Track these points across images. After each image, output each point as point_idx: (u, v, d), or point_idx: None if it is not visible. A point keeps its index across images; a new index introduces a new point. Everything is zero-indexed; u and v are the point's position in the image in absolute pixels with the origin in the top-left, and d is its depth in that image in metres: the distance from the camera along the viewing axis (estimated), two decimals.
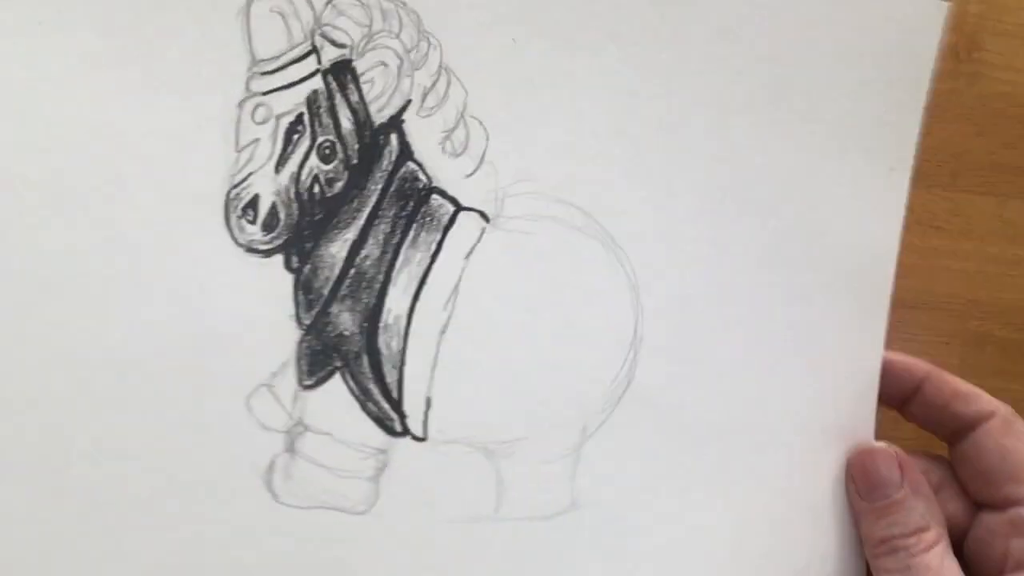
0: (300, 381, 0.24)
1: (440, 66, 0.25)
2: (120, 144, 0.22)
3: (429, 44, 0.25)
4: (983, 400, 0.29)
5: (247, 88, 0.24)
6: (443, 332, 0.25)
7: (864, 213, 0.29)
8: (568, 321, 0.27)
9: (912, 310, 0.34)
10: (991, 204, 0.35)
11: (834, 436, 0.28)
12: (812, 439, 0.28)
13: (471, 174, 0.26)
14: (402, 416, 0.25)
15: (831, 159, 0.28)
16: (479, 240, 0.26)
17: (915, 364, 0.29)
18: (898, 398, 0.29)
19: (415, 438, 0.25)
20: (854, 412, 0.29)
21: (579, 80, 0.27)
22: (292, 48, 0.24)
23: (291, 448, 0.24)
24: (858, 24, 0.29)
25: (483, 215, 0.26)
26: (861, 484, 0.28)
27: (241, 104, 0.24)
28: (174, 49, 0.23)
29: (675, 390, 0.28)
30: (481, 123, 0.26)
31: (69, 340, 0.22)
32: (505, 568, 0.26)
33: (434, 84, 0.25)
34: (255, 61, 0.24)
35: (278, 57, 0.24)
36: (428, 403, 0.25)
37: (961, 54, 0.35)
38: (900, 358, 0.29)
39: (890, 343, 0.30)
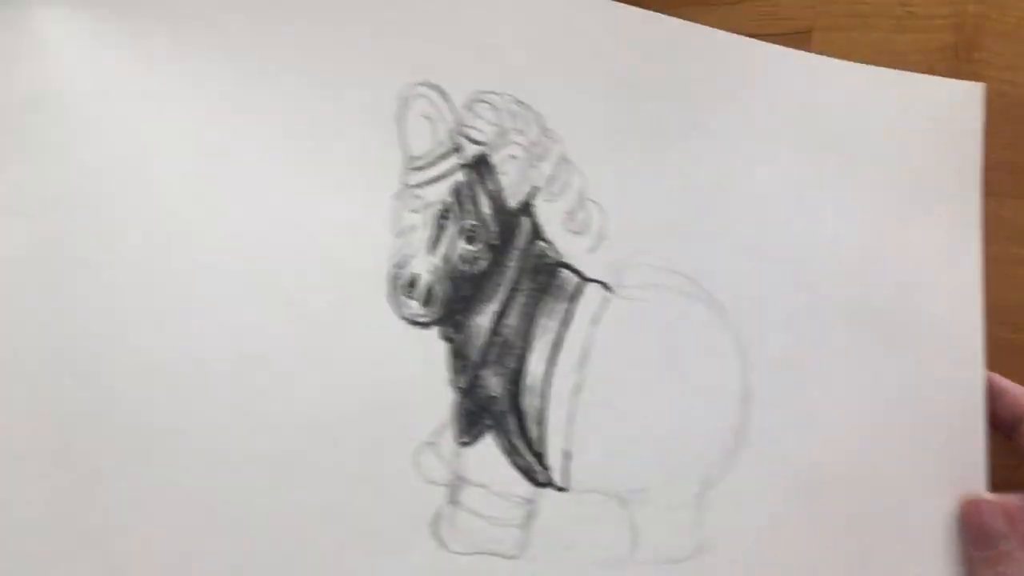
0: (458, 439, 0.27)
1: (560, 157, 0.29)
2: (302, 233, 0.26)
3: (551, 139, 0.29)
4: None
5: (403, 182, 0.27)
6: (577, 392, 0.28)
7: (943, 267, 0.33)
8: (684, 378, 0.30)
9: None
10: (991, 204, 0.35)
11: (945, 483, 0.31)
12: (923, 486, 0.31)
13: (593, 250, 0.29)
14: (545, 468, 0.28)
15: (905, 222, 0.32)
16: (603, 308, 0.29)
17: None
18: (1008, 424, 0.31)
19: (557, 488, 0.28)
20: (962, 459, 0.32)
21: (677, 165, 0.30)
22: (438, 146, 0.28)
23: (453, 500, 0.26)
24: (909, 107, 0.33)
25: (605, 285, 0.29)
26: (969, 534, 0.30)
27: (398, 196, 0.27)
28: (342, 151, 0.27)
29: (787, 441, 0.30)
30: (598, 204, 0.29)
31: (265, 407, 0.25)
32: None
33: (556, 173, 0.29)
34: (408, 159, 0.27)
35: (427, 154, 0.28)
36: (567, 456, 0.28)
37: (961, 54, 0.37)
38: (1011, 386, 0.31)
39: None
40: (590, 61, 0.30)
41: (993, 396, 0.32)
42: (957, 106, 0.34)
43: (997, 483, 0.32)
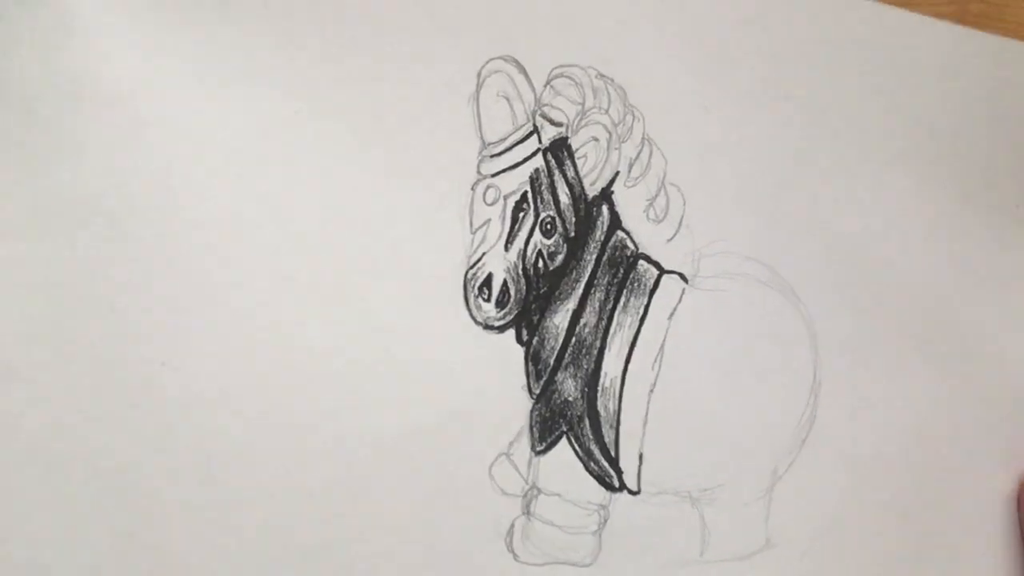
0: (533, 448, 0.25)
1: (643, 137, 0.27)
2: (374, 235, 0.23)
3: (634, 117, 0.26)
4: None
5: (478, 171, 0.24)
6: (651, 391, 0.27)
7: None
8: (757, 370, 0.28)
9: None
10: None
11: (1003, 468, 0.31)
12: (985, 466, 0.31)
13: (671, 238, 0.27)
14: (619, 472, 0.27)
15: (986, 212, 0.31)
16: (680, 301, 0.27)
17: None
18: None
19: (630, 492, 0.27)
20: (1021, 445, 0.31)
21: (760, 137, 0.28)
22: (516, 130, 0.25)
23: (527, 511, 0.25)
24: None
25: (682, 276, 0.27)
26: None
27: (474, 187, 0.24)
28: (414, 138, 0.24)
29: (850, 430, 0.30)
30: (679, 189, 0.27)
31: (337, 424, 0.23)
32: None
33: (638, 155, 0.26)
34: (484, 144, 0.24)
35: (504, 139, 0.25)
36: (641, 459, 0.27)
37: None
38: None
39: None
40: (675, 29, 0.27)
41: None
42: None
43: None
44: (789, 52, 0.28)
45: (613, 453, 0.26)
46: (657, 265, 0.27)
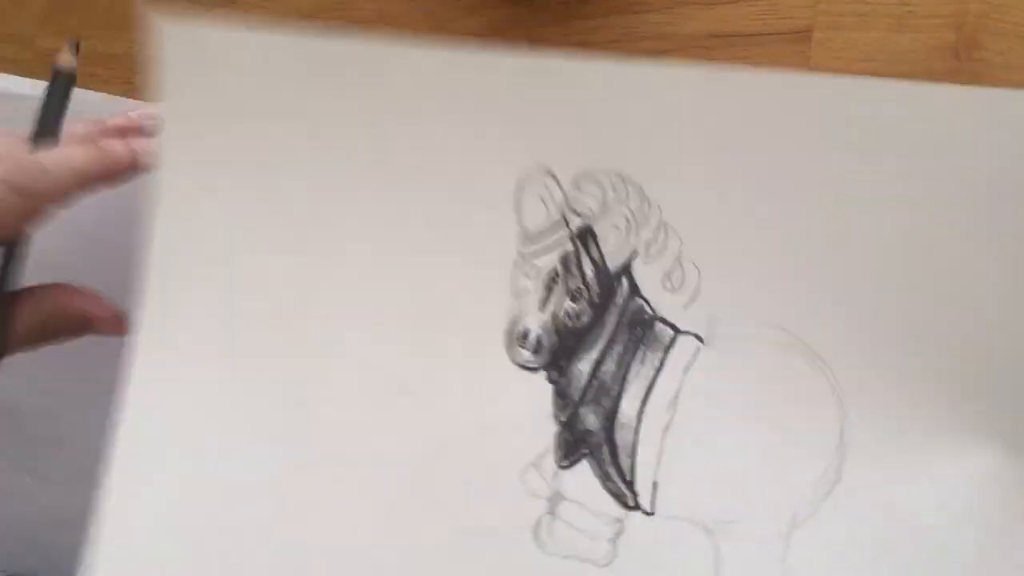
0: (558, 463, 0.33)
1: (660, 222, 0.33)
2: (439, 297, 0.34)
3: (650, 206, 0.33)
4: None
5: (519, 252, 0.34)
6: (666, 430, 0.32)
7: None
8: (776, 425, 0.32)
9: None
10: None
11: None
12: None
13: (687, 305, 0.33)
14: (634, 494, 0.32)
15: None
16: (695, 357, 0.32)
17: None
18: None
19: (645, 512, 0.32)
20: None
21: (776, 224, 0.32)
22: (549, 222, 0.33)
23: (552, 512, 0.33)
24: None
25: (698, 337, 0.33)
26: None
27: (516, 264, 0.34)
28: (471, 227, 0.34)
29: (884, 492, 0.31)
30: (695, 264, 0.33)
31: (408, 429, 0.33)
32: None
33: (655, 237, 0.33)
34: (524, 231, 0.34)
35: (540, 229, 0.33)
36: (655, 486, 0.32)
37: (961, 54, 0.35)
38: None
39: None
40: (690, 129, 0.33)
41: None
42: None
43: None
44: (797, 138, 0.32)
45: (629, 477, 0.32)
46: (673, 327, 0.33)
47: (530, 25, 0.41)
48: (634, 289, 0.33)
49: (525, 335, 0.33)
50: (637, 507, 0.32)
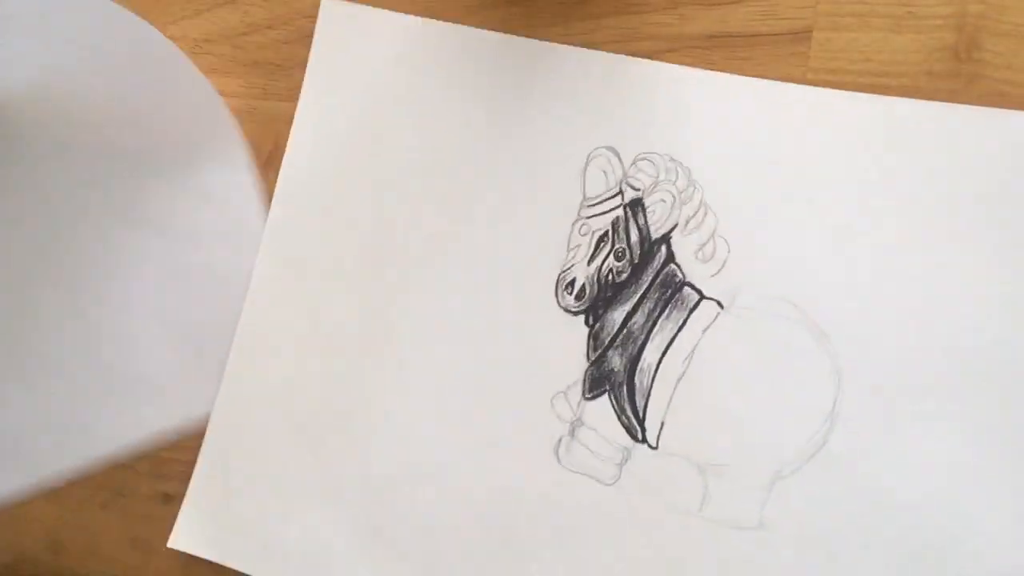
0: (583, 394, 0.39)
1: (701, 202, 0.38)
2: (505, 248, 0.40)
3: (695, 188, 0.38)
4: None
5: (578, 214, 0.40)
6: (679, 379, 0.37)
7: None
8: (775, 389, 0.36)
9: None
10: None
11: None
12: (1004, 541, 0.33)
13: (714, 275, 0.38)
14: (643, 430, 0.38)
15: None
16: (714, 320, 0.37)
17: None
18: None
19: (650, 446, 0.38)
20: None
21: (804, 213, 0.37)
22: (608, 191, 0.39)
23: (572, 434, 0.39)
24: None
25: (719, 303, 0.37)
26: None
27: (574, 224, 0.40)
28: (548, 190, 0.40)
29: (865, 463, 0.35)
30: (726, 240, 0.38)
31: (471, 358, 0.40)
32: (701, 554, 0.36)
33: (695, 214, 0.38)
34: (585, 198, 0.40)
35: (599, 196, 0.39)
36: (662, 425, 0.37)
37: (961, 54, 0.35)
38: None
39: None
40: (736, 131, 0.38)
41: None
42: None
43: None
44: (822, 148, 0.36)
45: (641, 415, 0.38)
46: (699, 292, 0.38)
47: (530, 25, 0.42)
48: (670, 256, 0.38)
49: (572, 283, 0.39)
50: (644, 440, 0.38)
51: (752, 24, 0.39)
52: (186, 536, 0.43)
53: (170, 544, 0.43)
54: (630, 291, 0.39)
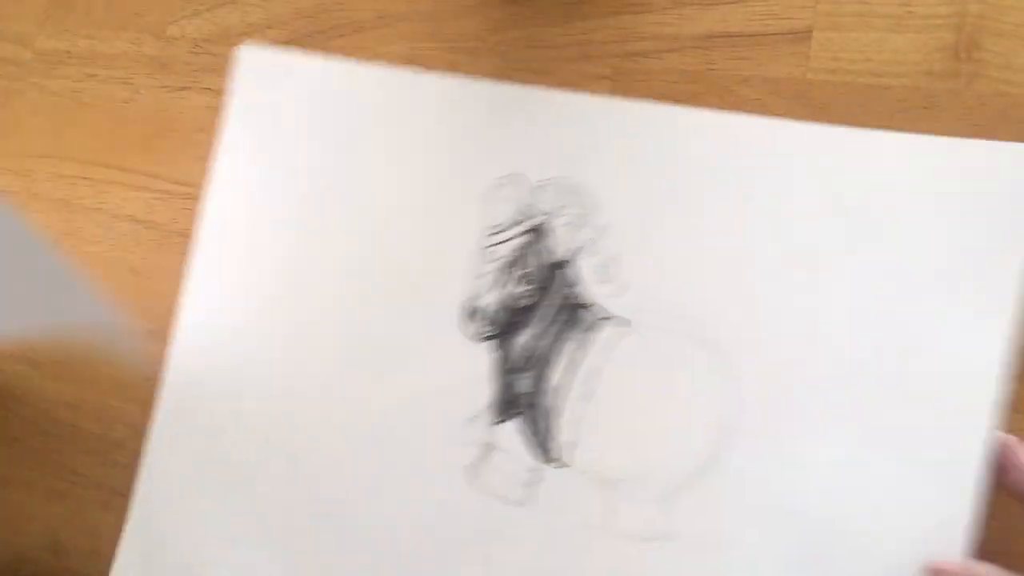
0: (493, 418, 0.39)
1: (600, 225, 0.39)
2: (411, 278, 0.41)
3: (595, 211, 0.39)
4: None
5: (483, 243, 0.41)
6: (585, 399, 0.38)
7: (965, 338, 0.34)
8: (674, 403, 0.37)
9: None
10: None
11: (920, 546, 0.33)
12: (897, 544, 0.34)
13: (616, 296, 0.39)
14: (552, 450, 0.38)
15: (929, 290, 0.35)
16: (615, 340, 0.38)
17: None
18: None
19: (558, 465, 0.38)
20: (946, 527, 0.33)
21: (701, 233, 0.38)
22: (512, 218, 0.40)
23: (484, 458, 0.39)
24: (948, 174, 0.35)
25: (621, 323, 0.38)
26: None
27: (478, 252, 0.40)
28: (454, 218, 0.41)
29: (761, 473, 0.36)
30: (625, 261, 0.39)
31: (377, 385, 0.41)
32: (608, 569, 0.37)
33: (596, 237, 0.39)
34: (489, 226, 0.41)
35: (504, 224, 0.40)
36: (570, 445, 0.38)
37: (961, 54, 0.35)
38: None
39: None
40: (634, 155, 0.39)
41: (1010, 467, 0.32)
42: (1007, 168, 0.34)
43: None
44: (730, 167, 0.38)
45: (549, 435, 0.38)
46: (601, 312, 0.39)
47: (530, 25, 0.42)
48: (574, 278, 0.39)
49: (479, 310, 0.40)
50: (552, 460, 0.38)
51: (752, 24, 0.39)
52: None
53: None
54: (535, 315, 0.40)
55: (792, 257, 0.37)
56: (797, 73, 0.38)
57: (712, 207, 0.38)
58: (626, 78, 0.40)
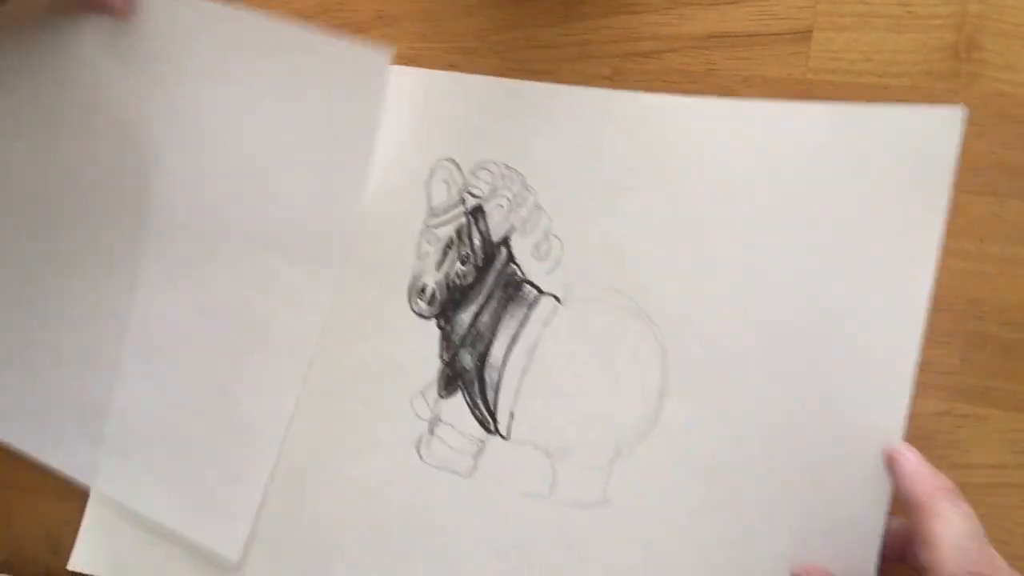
0: (439, 393, 0.41)
1: (535, 204, 0.41)
2: (361, 265, 0.42)
3: (528, 192, 0.41)
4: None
5: (425, 224, 0.42)
6: (525, 372, 0.40)
7: (887, 296, 0.35)
8: (611, 372, 0.39)
9: None
10: (991, 204, 0.35)
11: (845, 496, 0.35)
12: (822, 495, 0.35)
13: (551, 272, 0.40)
14: (495, 422, 0.40)
15: (852, 253, 0.36)
16: (553, 314, 0.40)
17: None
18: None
19: (502, 437, 0.40)
20: (869, 481, 0.35)
21: (627, 208, 0.39)
22: (450, 200, 0.42)
23: (431, 431, 0.41)
24: (870, 140, 0.36)
25: (557, 298, 0.40)
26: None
27: (421, 233, 0.42)
28: (394, 203, 0.42)
29: (694, 433, 0.37)
30: (559, 239, 0.40)
31: (325, 364, 0.42)
32: (552, 535, 0.38)
33: (530, 216, 0.41)
34: (430, 208, 0.42)
35: (442, 207, 0.42)
36: (511, 416, 0.40)
37: (961, 54, 0.36)
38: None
39: None
40: (563, 136, 0.40)
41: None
42: (931, 133, 0.35)
43: None
44: (650, 147, 0.39)
45: (492, 408, 0.40)
46: (538, 288, 0.40)
47: (530, 25, 0.42)
48: (510, 257, 0.41)
49: (423, 289, 0.42)
50: (496, 432, 0.40)
51: (752, 24, 0.39)
52: (86, 555, 0.44)
53: (70, 566, 0.44)
54: (476, 292, 0.41)
55: (717, 228, 0.38)
56: (797, 73, 0.38)
57: (638, 185, 0.39)
58: (626, 78, 0.41)
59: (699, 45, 0.40)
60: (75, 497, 0.46)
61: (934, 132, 0.35)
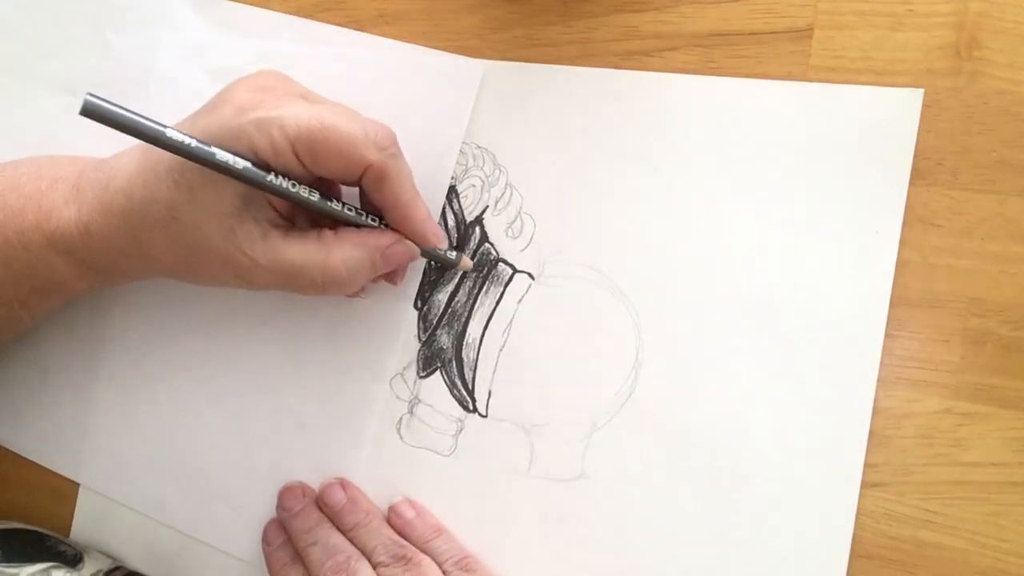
0: (418, 373, 0.41)
1: (506, 183, 0.41)
2: None
3: (500, 171, 0.41)
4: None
5: None
6: (501, 350, 0.40)
7: (852, 269, 0.35)
8: (586, 346, 0.39)
9: (912, 308, 0.35)
10: (992, 202, 0.34)
11: (819, 463, 0.35)
12: (794, 462, 0.35)
13: (524, 249, 0.40)
14: (473, 400, 0.40)
15: (819, 225, 0.36)
16: (527, 291, 0.40)
17: None
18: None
19: (480, 415, 0.40)
20: (839, 448, 0.35)
21: (598, 185, 0.39)
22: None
23: (411, 412, 0.41)
24: (841, 115, 0.36)
25: (530, 275, 0.40)
26: None
27: None
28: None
29: (667, 405, 0.37)
30: (532, 217, 0.40)
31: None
32: (531, 509, 0.39)
33: (502, 195, 0.41)
34: None
35: None
36: (489, 394, 0.40)
37: (962, 52, 0.35)
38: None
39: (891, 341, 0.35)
40: (532, 114, 0.41)
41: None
42: (893, 112, 0.35)
43: None
44: (622, 123, 0.39)
45: (471, 387, 0.40)
46: (512, 266, 0.40)
47: (531, 23, 0.42)
48: (484, 235, 0.41)
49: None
50: (475, 410, 0.40)
51: (753, 22, 0.39)
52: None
53: None
54: (452, 272, 0.42)
55: (688, 204, 0.38)
56: (798, 71, 0.38)
57: (608, 162, 0.39)
58: None
59: (700, 43, 0.40)
60: (75, 497, 0.47)
61: (896, 111, 0.35)
